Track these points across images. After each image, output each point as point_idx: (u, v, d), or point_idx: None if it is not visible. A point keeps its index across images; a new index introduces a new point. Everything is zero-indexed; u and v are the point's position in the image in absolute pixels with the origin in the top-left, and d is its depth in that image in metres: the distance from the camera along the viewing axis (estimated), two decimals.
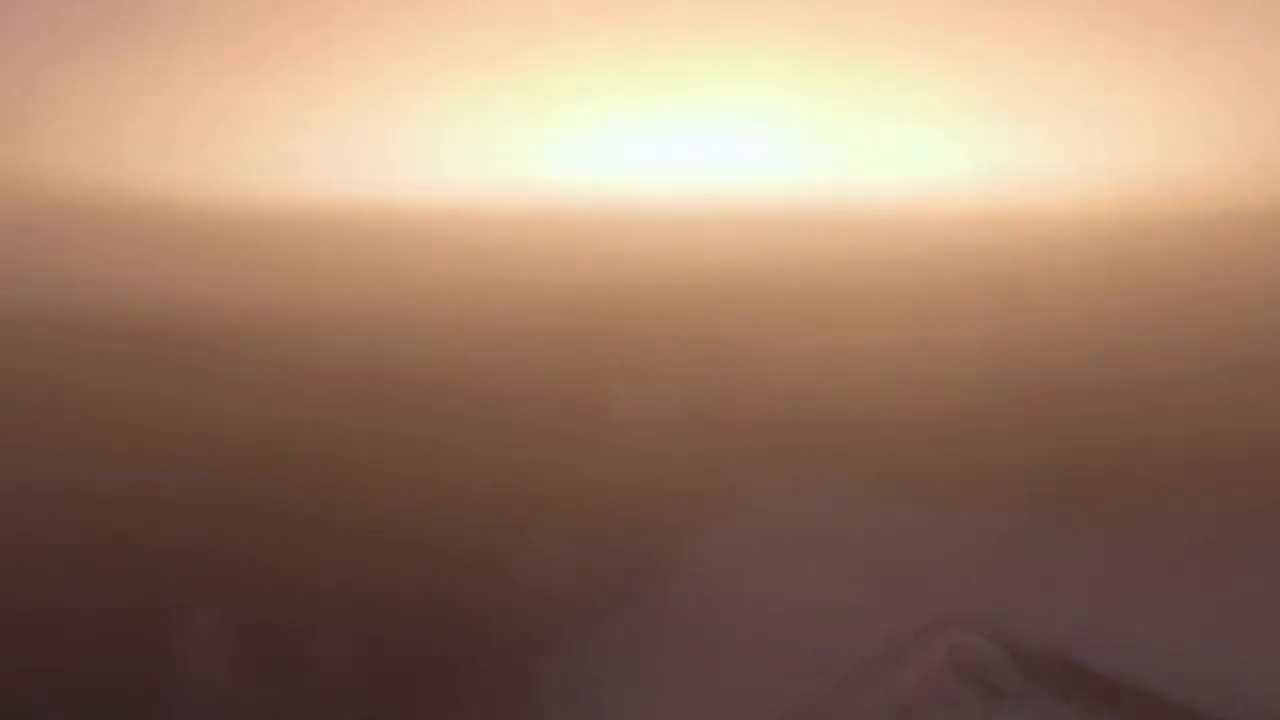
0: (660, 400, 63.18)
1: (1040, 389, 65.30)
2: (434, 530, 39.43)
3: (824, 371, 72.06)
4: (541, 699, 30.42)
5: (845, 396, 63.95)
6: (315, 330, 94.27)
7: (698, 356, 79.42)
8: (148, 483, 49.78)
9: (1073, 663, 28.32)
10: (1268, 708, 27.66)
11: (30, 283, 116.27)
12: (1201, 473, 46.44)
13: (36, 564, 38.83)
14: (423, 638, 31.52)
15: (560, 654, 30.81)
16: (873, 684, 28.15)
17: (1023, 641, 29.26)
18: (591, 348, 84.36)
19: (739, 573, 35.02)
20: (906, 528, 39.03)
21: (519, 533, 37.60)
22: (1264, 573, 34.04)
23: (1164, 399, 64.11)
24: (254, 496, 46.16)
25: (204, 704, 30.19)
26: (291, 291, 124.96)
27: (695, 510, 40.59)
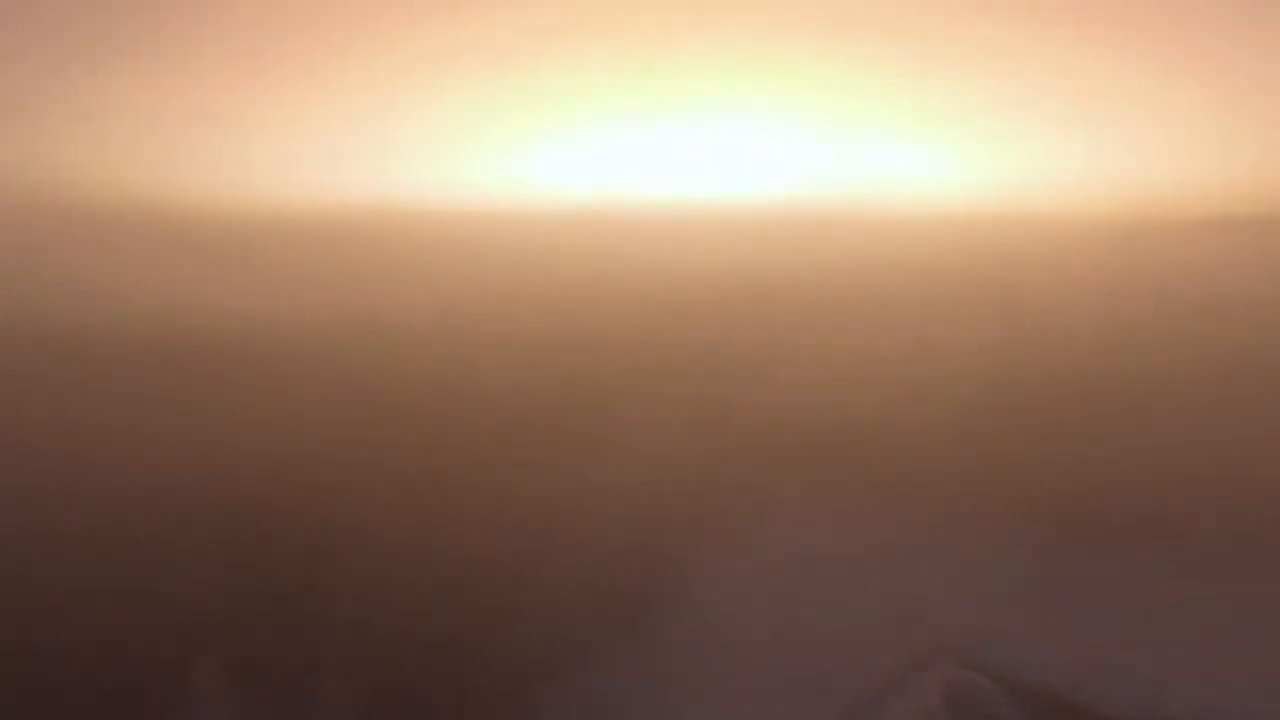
0: (664, 412, 63.15)
1: (1047, 403, 65.14)
2: (435, 555, 39.66)
3: (830, 384, 71.98)
4: None
5: (850, 410, 63.91)
6: (318, 337, 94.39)
7: (701, 366, 79.40)
8: (147, 492, 49.94)
9: (1068, 700, 28.30)
10: None
11: (32, 288, 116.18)
12: (1207, 494, 46.00)
13: (35, 580, 38.99)
14: (423, 666, 31.67)
15: (561, 683, 30.91)
16: (869, 718, 28.21)
17: (1019, 678, 29.21)
18: (593, 354, 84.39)
19: (737, 601, 35.05)
20: (909, 552, 38.90)
21: (521, 561, 37.75)
22: (1267, 602, 33.61)
23: (1169, 411, 63.91)
24: (252, 505, 46.34)
25: None
26: (295, 296, 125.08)
27: (696, 534, 40.65)
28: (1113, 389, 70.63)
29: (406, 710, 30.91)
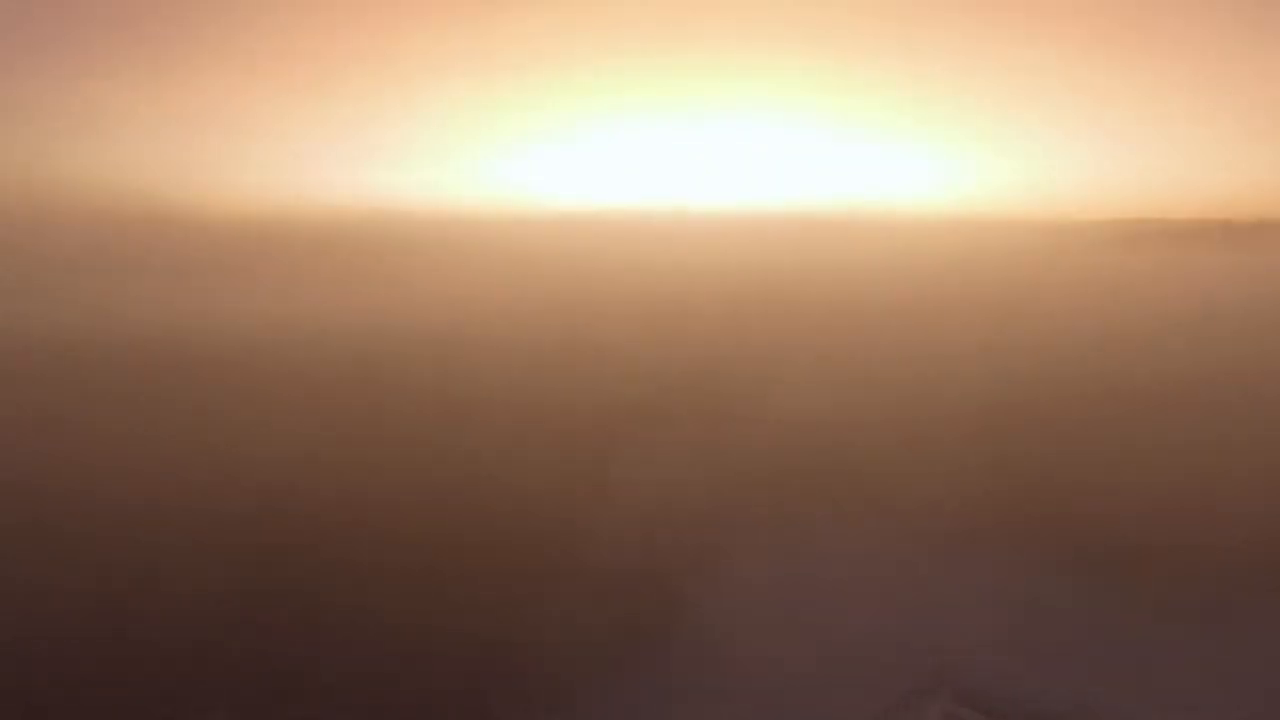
0: (669, 419, 62.77)
1: (1049, 414, 64.60)
2: (441, 568, 39.48)
3: (833, 390, 71.72)
4: None
5: (852, 419, 63.67)
6: (320, 339, 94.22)
7: (704, 372, 79.03)
8: (148, 494, 49.71)
9: None
10: None
11: (35, 291, 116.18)
12: (1207, 513, 44.85)
13: (38, 583, 38.93)
14: (432, 681, 31.52)
15: (564, 713, 30.79)
16: None
17: (1012, 712, 28.85)
18: (596, 361, 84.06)
19: (736, 629, 34.75)
20: (909, 582, 38.36)
21: (522, 591, 37.57)
22: (1268, 641, 32.70)
23: (1170, 420, 63.48)
24: (251, 512, 45.99)
25: None
26: (298, 298, 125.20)
27: (695, 561, 40.22)
28: (1115, 398, 70.26)
29: None
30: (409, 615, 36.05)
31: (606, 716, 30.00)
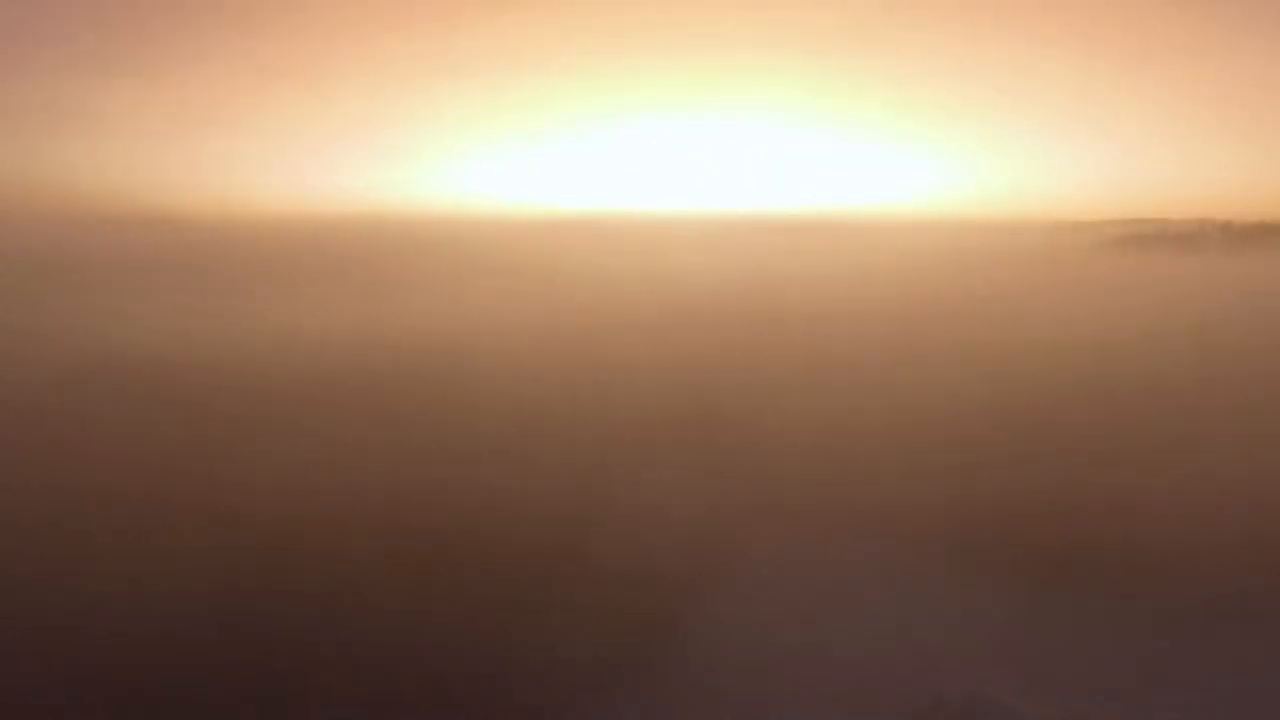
0: (668, 436, 62.37)
1: (1046, 421, 64.29)
2: (438, 583, 39.35)
3: (833, 393, 71.54)
4: None
5: (853, 422, 63.50)
6: (318, 345, 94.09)
7: (704, 379, 78.68)
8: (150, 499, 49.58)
9: None
10: None
11: (34, 296, 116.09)
12: (1207, 527, 43.88)
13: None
14: (426, 699, 31.45)
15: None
16: None
17: None
18: (594, 368, 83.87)
19: (737, 639, 34.56)
20: (911, 591, 37.99)
21: (523, 598, 37.43)
22: (1267, 651, 32.14)
23: (1169, 426, 63.29)
24: (259, 533, 45.74)
25: None
26: (295, 300, 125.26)
27: (695, 569, 39.90)
28: (1116, 401, 70.03)
29: None
30: (411, 620, 35.99)
31: None
